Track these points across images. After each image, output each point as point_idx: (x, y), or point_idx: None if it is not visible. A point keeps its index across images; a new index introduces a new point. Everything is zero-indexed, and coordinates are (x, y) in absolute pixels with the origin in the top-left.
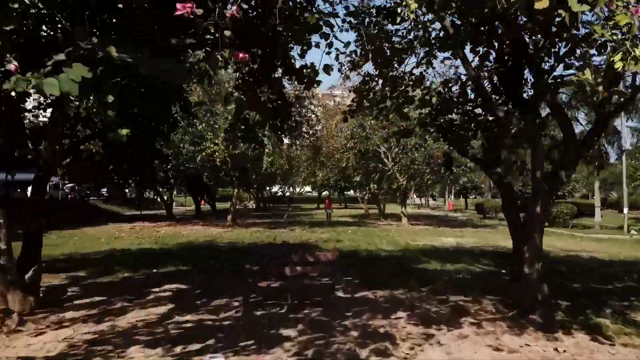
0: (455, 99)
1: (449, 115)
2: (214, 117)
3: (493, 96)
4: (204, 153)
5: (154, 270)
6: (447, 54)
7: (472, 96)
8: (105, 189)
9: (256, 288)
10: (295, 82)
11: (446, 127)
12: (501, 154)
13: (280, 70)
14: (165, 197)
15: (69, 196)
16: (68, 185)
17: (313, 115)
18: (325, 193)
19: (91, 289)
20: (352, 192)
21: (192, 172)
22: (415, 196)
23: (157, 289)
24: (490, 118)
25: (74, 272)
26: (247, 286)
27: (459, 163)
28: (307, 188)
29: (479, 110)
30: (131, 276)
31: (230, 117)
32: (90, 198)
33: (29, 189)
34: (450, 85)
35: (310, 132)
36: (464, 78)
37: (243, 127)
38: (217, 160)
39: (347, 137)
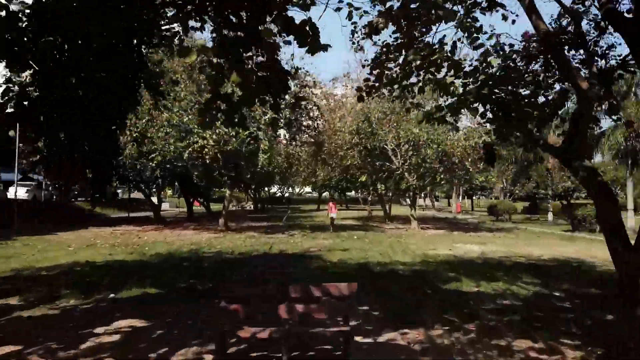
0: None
1: (510, 87)
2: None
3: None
4: (190, 149)
5: (111, 296)
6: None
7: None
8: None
9: (237, 333)
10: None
11: (508, 102)
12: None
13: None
14: (154, 198)
15: (54, 197)
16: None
17: (315, 107)
18: (325, 194)
19: (11, 329)
20: (353, 192)
21: (181, 170)
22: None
23: (102, 330)
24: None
25: (4, 299)
26: (224, 323)
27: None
28: (307, 189)
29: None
30: (78, 305)
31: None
32: (78, 199)
33: (10, 189)
34: (488, 59)
35: (311, 126)
36: (507, 49)
37: (225, 106)
38: (207, 157)
39: (352, 133)
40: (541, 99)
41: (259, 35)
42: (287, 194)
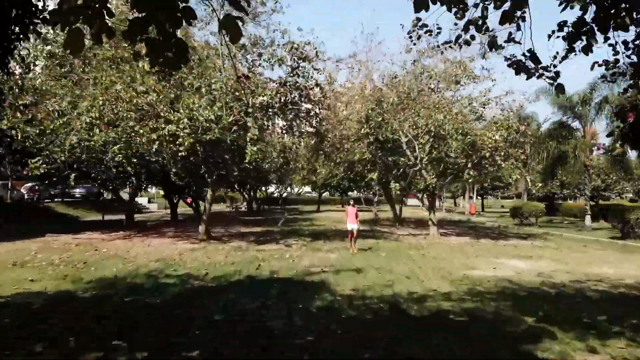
0: None
1: None
2: (167, 81)
3: None
4: (155, 135)
5: None
6: None
7: None
8: (78, 190)
9: None
10: None
11: None
12: None
13: None
14: (143, 199)
15: (26, 197)
16: (27, 184)
17: (316, 87)
18: (325, 194)
19: None
20: (355, 192)
21: (155, 166)
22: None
23: None
24: None
25: None
26: None
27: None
28: (307, 188)
29: None
30: None
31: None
32: (55, 200)
33: None
34: None
35: (312, 111)
36: None
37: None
38: (182, 148)
39: (361, 121)
40: None
41: None
42: (284, 194)
